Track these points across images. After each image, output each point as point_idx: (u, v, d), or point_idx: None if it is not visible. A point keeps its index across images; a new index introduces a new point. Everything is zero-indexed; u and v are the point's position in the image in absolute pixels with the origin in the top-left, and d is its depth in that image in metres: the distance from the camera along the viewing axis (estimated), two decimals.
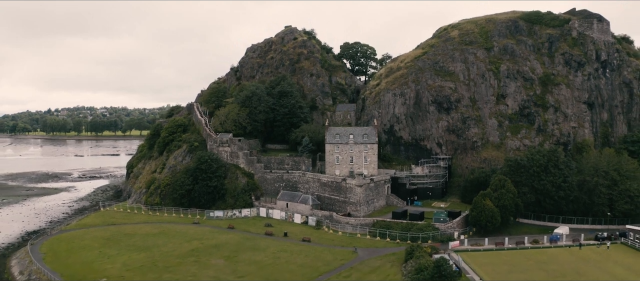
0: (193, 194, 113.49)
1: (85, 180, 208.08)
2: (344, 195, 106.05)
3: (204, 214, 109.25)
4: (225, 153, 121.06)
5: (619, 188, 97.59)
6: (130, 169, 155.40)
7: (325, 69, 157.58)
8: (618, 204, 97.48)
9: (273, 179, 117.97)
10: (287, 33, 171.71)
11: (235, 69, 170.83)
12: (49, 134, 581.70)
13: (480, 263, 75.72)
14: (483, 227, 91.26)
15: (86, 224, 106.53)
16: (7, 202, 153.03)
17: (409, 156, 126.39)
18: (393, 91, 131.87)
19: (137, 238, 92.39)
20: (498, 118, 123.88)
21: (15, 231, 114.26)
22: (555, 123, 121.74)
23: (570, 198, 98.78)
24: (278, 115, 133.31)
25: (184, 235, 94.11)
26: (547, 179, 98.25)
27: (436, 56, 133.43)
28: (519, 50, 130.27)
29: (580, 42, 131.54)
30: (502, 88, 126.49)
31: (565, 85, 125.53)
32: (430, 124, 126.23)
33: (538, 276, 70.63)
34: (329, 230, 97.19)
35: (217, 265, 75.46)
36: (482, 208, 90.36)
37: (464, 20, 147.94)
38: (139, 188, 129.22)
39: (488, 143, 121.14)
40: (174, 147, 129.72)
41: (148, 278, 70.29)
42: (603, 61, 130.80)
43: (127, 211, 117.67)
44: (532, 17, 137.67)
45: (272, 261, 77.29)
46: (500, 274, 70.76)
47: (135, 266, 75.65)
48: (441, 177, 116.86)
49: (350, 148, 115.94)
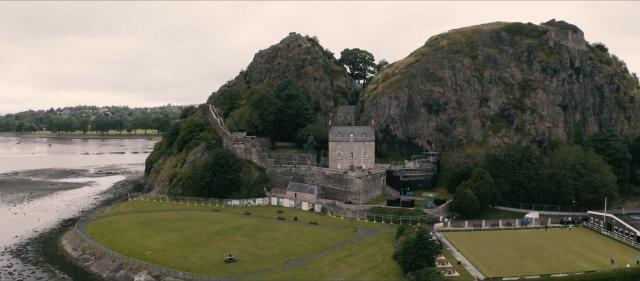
0: (212, 185, 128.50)
1: (103, 175, 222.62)
2: (345, 186, 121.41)
3: (222, 203, 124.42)
4: (239, 150, 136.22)
5: (584, 179, 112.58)
6: (150, 165, 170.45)
7: (327, 74, 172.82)
8: (583, 193, 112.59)
9: (282, 172, 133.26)
10: (292, 40, 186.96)
11: (244, 73, 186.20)
12: (55, 133, 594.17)
13: (459, 240, 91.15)
14: (464, 212, 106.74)
15: (119, 211, 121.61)
16: (37, 195, 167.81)
17: (402, 152, 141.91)
18: (388, 94, 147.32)
19: (167, 222, 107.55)
20: (481, 119, 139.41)
21: (53, 220, 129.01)
22: (531, 124, 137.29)
23: (541, 188, 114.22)
24: (286, 116, 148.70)
25: (207, 219, 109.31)
26: (521, 172, 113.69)
27: (427, 63, 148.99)
28: (500, 59, 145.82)
29: (556, 51, 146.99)
30: (485, 93, 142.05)
31: (542, 90, 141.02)
32: (421, 124, 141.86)
33: (506, 249, 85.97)
34: (333, 215, 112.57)
35: (241, 241, 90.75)
36: (463, 196, 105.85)
37: (453, 30, 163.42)
38: (161, 181, 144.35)
39: (472, 141, 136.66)
40: (193, 144, 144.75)
41: (186, 251, 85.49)
42: (577, 68, 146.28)
43: (153, 201, 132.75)
44: (513, 28, 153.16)
45: (286, 238, 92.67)
46: (475, 248, 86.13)
47: (173, 243, 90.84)
48: (430, 170, 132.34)
49: (351, 145, 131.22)
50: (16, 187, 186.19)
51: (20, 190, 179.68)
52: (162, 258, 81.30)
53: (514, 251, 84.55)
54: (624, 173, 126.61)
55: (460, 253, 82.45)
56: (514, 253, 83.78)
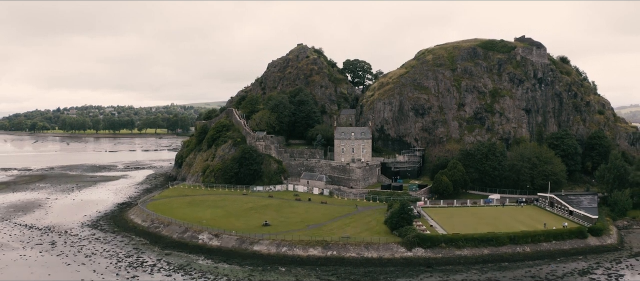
0: (239, 175, 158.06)
1: (132, 170, 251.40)
2: (348, 175, 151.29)
3: (249, 189, 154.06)
4: (261, 146, 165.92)
5: (538, 169, 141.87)
6: (181, 159, 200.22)
7: (331, 81, 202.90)
8: (536, 180, 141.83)
9: (296, 164, 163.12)
10: (300, 51, 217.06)
11: (260, 80, 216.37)
12: (67, 132, 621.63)
13: (434, 213, 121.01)
14: (441, 194, 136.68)
15: (167, 195, 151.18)
16: (83, 186, 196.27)
17: (394, 148, 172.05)
18: (383, 100, 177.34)
19: (209, 202, 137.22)
20: (459, 121, 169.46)
21: (110, 203, 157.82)
22: (500, 125, 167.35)
23: (503, 175, 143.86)
24: (298, 118, 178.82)
25: (240, 200, 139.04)
26: (487, 163, 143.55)
27: (415, 75, 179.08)
28: (475, 71, 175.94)
29: (522, 64, 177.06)
30: (462, 99, 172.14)
31: (509, 97, 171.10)
32: (409, 125, 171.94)
33: (468, 219, 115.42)
34: (338, 197, 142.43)
35: (271, 214, 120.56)
36: (440, 181, 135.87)
37: (437, 45, 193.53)
38: (195, 172, 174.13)
39: (451, 138, 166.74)
40: (221, 141, 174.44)
41: (231, 220, 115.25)
42: (539, 78, 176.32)
43: (191, 188, 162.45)
44: (487, 45, 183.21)
45: (304, 212, 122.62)
46: (444, 218, 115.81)
47: (219, 215, 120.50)
48: (417, 162, 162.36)
49: (352, 142, 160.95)
50: (60, 180, 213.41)
51: (65, 182, 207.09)
52: (215, 224, 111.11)
53: (473, 220, 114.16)
54: (576, 165, 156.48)
55: (433, 221, 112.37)
56: (474, 221, 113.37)
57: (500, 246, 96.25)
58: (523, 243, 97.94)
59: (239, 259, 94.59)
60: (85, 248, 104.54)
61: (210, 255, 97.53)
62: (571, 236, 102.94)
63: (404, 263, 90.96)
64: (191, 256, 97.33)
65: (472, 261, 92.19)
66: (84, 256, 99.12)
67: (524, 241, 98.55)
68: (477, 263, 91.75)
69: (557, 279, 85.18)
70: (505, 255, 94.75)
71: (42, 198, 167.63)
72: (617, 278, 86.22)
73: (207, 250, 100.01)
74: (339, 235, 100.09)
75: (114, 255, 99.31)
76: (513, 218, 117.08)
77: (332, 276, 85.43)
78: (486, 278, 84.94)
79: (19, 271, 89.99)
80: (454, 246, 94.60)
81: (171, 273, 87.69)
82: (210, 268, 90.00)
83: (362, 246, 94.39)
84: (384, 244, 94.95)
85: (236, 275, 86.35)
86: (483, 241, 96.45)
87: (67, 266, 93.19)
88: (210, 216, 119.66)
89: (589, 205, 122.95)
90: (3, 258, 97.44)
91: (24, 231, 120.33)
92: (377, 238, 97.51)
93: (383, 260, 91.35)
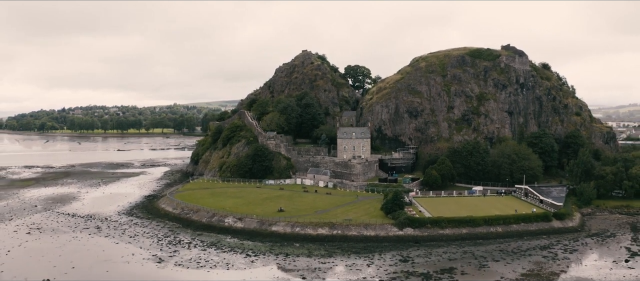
0: (253, 170, 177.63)
1: (149, 167, 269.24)
2: (349, 170, 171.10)
3: (261, 182, 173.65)
4: (271, 145, 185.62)
5: (516, 165, 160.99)
6: (196, 157, 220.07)
7: (334, 86, 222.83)
8: (515, 174, 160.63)
9: (303, 161, 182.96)
10: (305, 57, 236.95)
11: (268, 84, 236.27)
12: (76, 132, 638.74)
13: (423, 201, 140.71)
14: (430, 186, 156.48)
15: (189, 188, 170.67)
16: (108, 181, 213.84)
17: (390, 146, 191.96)
18: (381, 103, 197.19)
19: (229, 193, 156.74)
20: (448, 122, 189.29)
21: (137, 195, 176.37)
22: (485, 125, 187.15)
23: (486, 170, 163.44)
24: (304, 120, 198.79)
25: (255, 192, 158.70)
26: (472, 159, 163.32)
27: (409, 80, 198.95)
28: (464, 77, 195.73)
29: (506, 70, 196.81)
30: (451, 102, 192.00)
31: (493, 100, 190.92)
32: (404, 126, 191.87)
33: (452, 206, 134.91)
34: (341, 189, 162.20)
35: (284, 202, 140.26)
36: (430, 175, 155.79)
37: (430, 53, 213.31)
38: (212, 168, 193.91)
39: (441, 138, 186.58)
40: (235, 140, 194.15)
41: (251, 207, 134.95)
42: (521, 83, 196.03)
43: (209, 182, 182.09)
44: (475, 53, 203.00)
45: (312, 201, 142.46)
46: (432, 205, 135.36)
47: (239, 204, 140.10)
48: (411, 159, 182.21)
49: (353, 141, 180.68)
50: (84, 176, 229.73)
51: (90, 178, 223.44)
52: (238, 210, 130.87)
53: (457, 207, 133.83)
54: (553, 161, 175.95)
55: (422, 207, 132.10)
56: (457, 207, 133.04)
57: (477, 227, 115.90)
58: (496, 225, 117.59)
59: (260, 237, 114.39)
60: (127, 231, 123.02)
61: (236, 235, 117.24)
62: (538, 219, 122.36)
63: (396, 240, 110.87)
64: (220, 236, 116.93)
65: (453, 238, 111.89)
66: (128, 237, 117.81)
67: (497, 223, 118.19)
68: (456, 240, 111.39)
69: (521, 252, 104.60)
70: (480, 234, 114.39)
71: (74, 191, 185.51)
72: (571, 251, 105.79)
73: (232, 231, 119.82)
74: (342, 218, 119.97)
75: (154, 236, 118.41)
76: (491, 205, 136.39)
77: (337, 249, 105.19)
78: (463, 251, 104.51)
79: (76, 247, 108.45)
80: (438, 226, 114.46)
81: (205, 248, 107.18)
82: (237, 245, 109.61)
83: (362, 226, 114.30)
84: (380, 225, 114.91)
85: (259, 249, 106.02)
86: (462, 222, 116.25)
87: (116, 244, 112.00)
88: (231, 204, 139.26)
89: (558, 195, 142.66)
90: (60, 240, 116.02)
91: (68, 219, 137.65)
92: (375, 220, 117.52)
93: (379, 238, 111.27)
